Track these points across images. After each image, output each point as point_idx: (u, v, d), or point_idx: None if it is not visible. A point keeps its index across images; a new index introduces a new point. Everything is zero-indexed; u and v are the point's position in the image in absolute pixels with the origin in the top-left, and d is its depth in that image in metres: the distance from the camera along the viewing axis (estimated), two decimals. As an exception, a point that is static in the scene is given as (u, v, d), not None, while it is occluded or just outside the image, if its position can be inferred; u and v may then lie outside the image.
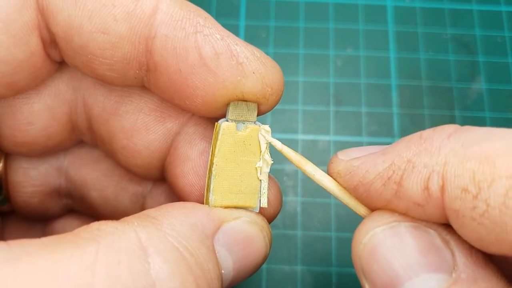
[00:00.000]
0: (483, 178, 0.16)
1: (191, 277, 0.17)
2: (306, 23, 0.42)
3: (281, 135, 0.39)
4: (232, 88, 0.20)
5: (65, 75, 0.24)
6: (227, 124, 0.21)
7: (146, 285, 0.15)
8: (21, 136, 0.24)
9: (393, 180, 0.18)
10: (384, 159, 0.19)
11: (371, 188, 0.19)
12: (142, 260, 0.16)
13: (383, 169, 0.18)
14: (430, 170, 0.17)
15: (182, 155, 0.23)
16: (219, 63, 0.20)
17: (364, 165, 0.19)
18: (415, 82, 0.40)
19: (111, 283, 0.15)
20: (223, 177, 0.21)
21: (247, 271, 0.21)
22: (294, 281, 0.34)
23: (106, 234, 0.16)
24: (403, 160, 0.18)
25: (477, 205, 0.16)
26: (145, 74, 0.21)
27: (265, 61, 0.21)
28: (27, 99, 0.23)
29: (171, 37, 0.19)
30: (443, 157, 0.17)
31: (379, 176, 0.19)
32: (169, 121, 0.23)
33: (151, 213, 0.19)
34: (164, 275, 0.16)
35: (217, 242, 0.19)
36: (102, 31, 0.19)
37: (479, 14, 0.43)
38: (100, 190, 0.27)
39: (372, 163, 0.19)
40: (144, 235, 0.17)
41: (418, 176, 0.17)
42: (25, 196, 0.27)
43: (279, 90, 0.22)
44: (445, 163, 0.17)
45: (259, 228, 0.21)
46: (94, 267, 0.15)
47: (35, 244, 0.15)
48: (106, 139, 0.24)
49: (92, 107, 0.24)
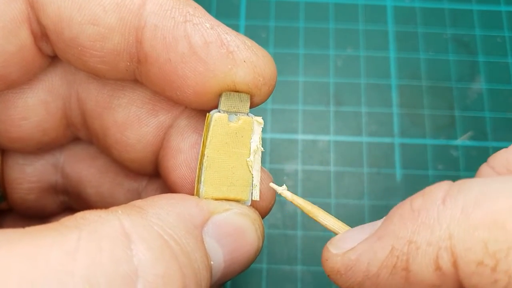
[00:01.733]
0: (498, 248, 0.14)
1: (176, 265, 0.16)
2: (306, 23, 0.42)
3: (281, 135, 0.39)
4: (222, 77, 0.20)
5: (59, 70, 0.24)
6: (219, 115, 0.21)
7: (128, 271, 0.15)
8: (15, 131, 0.24)
9: (400, 267, 0.17)
10: (383, 245, 0.17)
11: (379, 280, 0.17)
12: (124, 247, 0.15)
13: (385, 257, 0.17)
14: (437, 248, 0.16)
15: (174, 147, 0.23)
16: (209, 51, 0.19)
17: (363, 257, 0.18)
18: (415, 82, 0.40)
19: (92, 269, 0.14)
20: (214, 169, 0.21)
21: (239, 264, 0.20)
22: (294, 281, 0.34)
23: (89, 222, 0.16)
24: (403, 242, 0.17)
25: (498, 278, 0.14)
26: (136, 66, 0.21)
27: (257, 51, 0.20)
28: (21, 94, 0.23)
29: (161, 26, 0.19)
30: (446, 229, 0.16)
31: (383, 266, 0.17)
32: (161, 114, 0.23)
33: (137, 203, 0.18)
34: (147, 262, 0.15)
35: (207, 233, 0.19)
36: (92, 22, 0.19)
37: (479, 14, 0.43)
38: (96, 187, 0.27)
39: (371, 253, 0.17)
40: (127, 223, 0.16)
41: (425, 257, 0.16)
42: (21, 193, 0.27)
43: (272, 80, 0.21)
44: (450, 237, 0.15)
45: (250, 220, 0.21)
46: (75, 253, 0.14)
47: (18, 232, 0.15)
48: (100, 134, 0.24)
49: (86, 102, 0.24)
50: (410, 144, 0.38)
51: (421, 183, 0.37)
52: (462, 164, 0.38)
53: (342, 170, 0.38)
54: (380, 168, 0.38)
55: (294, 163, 0.38)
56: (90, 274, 0.14)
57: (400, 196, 0.37)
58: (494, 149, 0.38)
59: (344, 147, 0.38)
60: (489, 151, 0.38)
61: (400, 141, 0.39)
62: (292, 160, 0.38)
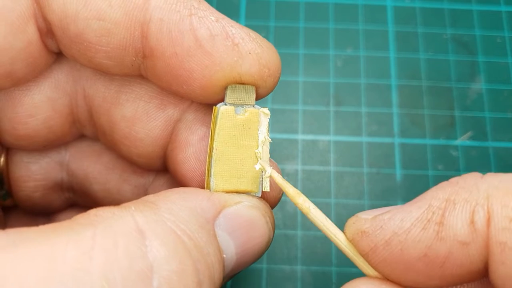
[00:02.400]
0: None
1: (189, 260, 0.17)
2: (306, 23, 0.42)
3: (281, 135, 0.39)
4: (229, 70, 0.20)
5: (65, 66, 0.24)
6: (226, 108, 0.21)
7: (143, 268, 0.15)
8: (22, 128, 0.24)
9: (434, 221, 0.17)
10: (419, 205, 0.18)
11: (409, 237, 0.17)
12: (139, 243, 0.16)
13: (421, 213, 0.17)
14: (474, 204, 0.17)
15: (183, 141, 0.23)
16: (214, 44, 0.19)
17: (397, 215, 0.18)
18: (415, 82, 0.40)
19: (109, 266, 0.14)
20: (223, 162, 0.21)
21: (251, 256, 0.21)
22: (294, 281, 0.34)
23: (103, 219, 0.16)
24: (441, 200, 0.17)
25: None
26: (141, 62, 0.21)
27: (261, 42, 0.20)
28: (27, 91, 0.23)
29: (166, 20, 0.19)
30: (484, 191, 0.17)
31: (417, 220, 0.17)
32: (169, 108, 0.23)
33: (149, 199, 0.18)
34: (161, 258, 0.16)
35: (218, 226, 0.19)
36: (97, 17, 0.19)
37: (479, 14, 0.43)
38: (102, 183, 0.27)
39: (406, 212, 0.18)
40: (141, 219, 0.16)
41: (461, 211, 0.17)
42: (27, 191, 0.27)
43: (277, 72, 0.21)
44: (488, 196, 0.16)
45: (261, 212, 0.21)
46: (91, 251, 0.15)
47: (33, 231, 0.15)
48: (107, 129, 0.24)
49: (93, 98, 0.24)
50: (410, 144, 0.38)
51: (421, 183, 0.37)
52: (462, 164, 0.38)
53: (342, 170, 0.38)
54: (380, 168, 0.38)
55: (294, 163, 0.38)
56: (107, 271, 0.14)
57: (400, 196, 0.37)
58: (494, 149, 0.38)
59: (344, 147, 0.38)
60: (489, 151, 0.38)
61: (400, 141, 0.39)
62: (292, 160, 0.38)
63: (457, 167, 0.38)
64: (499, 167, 0.38)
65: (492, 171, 0.37)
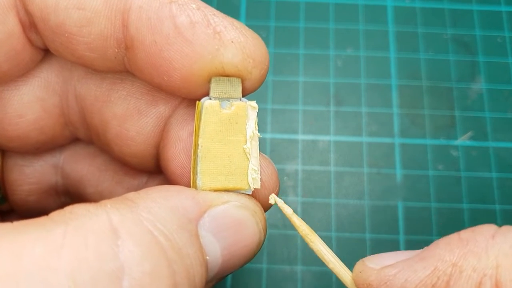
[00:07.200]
0: None
1: (165, 262, 0.16)
2: (306, 23, 0.42)
3: (281, 135, 0.39)
4: (210, 59, 0.19)
5: (55, 66, 0.23)
6: (210, 103, 0.20)
7: (114, 268, 0.15)
8: (12, 129, 0.23)
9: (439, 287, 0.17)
10: (425, 265, 0.17)
11: None
12: (111, 243, 0.15)
13: (426, 276, 0.17)
14: (481, 275, 0.16)
15: (173, 136, 0.22)
16: (195, 32, 0.19)
17: (402, 274, 0.17)
18: (415, 82, 0.40)
19: (77, 266, 0.14)
20: (210, 159, 0.20)
21: (239, 258, 0.20)
22: (294, 281, 0.34)
23: (76, 217, 0.15)
24: (447, 264, 0.17)
25: None
26: (124, 54, 0.21)
27: (245, 32, 0.19)
28: (16, 91, 0.23)
29: (146, 7, 0.19)
30: (493, 259, 0.16)
31: (421, 284, 0.17)
32: (161, 104, 0.23)
33: (129, 196, 0.18)
34: (133, 259, 0.15)
35: (202, 227, 0.18)
36: (77, 6, 0.19)
37: (479, 14, 0.43)
38: (96, 186, 0.27)
39: (411, 270, 0.17)
40: (116, 217, 0.16)
41: (467, 281, 0.16)
42: (22, 194, 0.26)
43: (263, 64, 0.20)
44: (497, 266, 0.16)
45: (250, 213, 0.20)
46: (60, 249, 0.14)
47: (4, 227, 0.15)
48: (100, 129, 0.24)
49: (85, 98, 0.24)
50: (410, 144, 0.38)
51: (421, 183, 0.37)
52: (462, 164, 0.38)
53: (342, 170, 0.38)
54: (380, 168, 0.38)
55: (294, 163, 0.38)
56: (75, 271, 0.14)
57: (400, 196, 0.37)
58: (494, 149, 0.38)
59: (344, 147, 0.38)
60: (489, 151, 0.38)
61: (400, 141, 0.39)
62: (292, 160, 0.38)
63: (457, 167, 0.38)
64: (499, 167, 0.38)
65: (492, 171, 0.37)
